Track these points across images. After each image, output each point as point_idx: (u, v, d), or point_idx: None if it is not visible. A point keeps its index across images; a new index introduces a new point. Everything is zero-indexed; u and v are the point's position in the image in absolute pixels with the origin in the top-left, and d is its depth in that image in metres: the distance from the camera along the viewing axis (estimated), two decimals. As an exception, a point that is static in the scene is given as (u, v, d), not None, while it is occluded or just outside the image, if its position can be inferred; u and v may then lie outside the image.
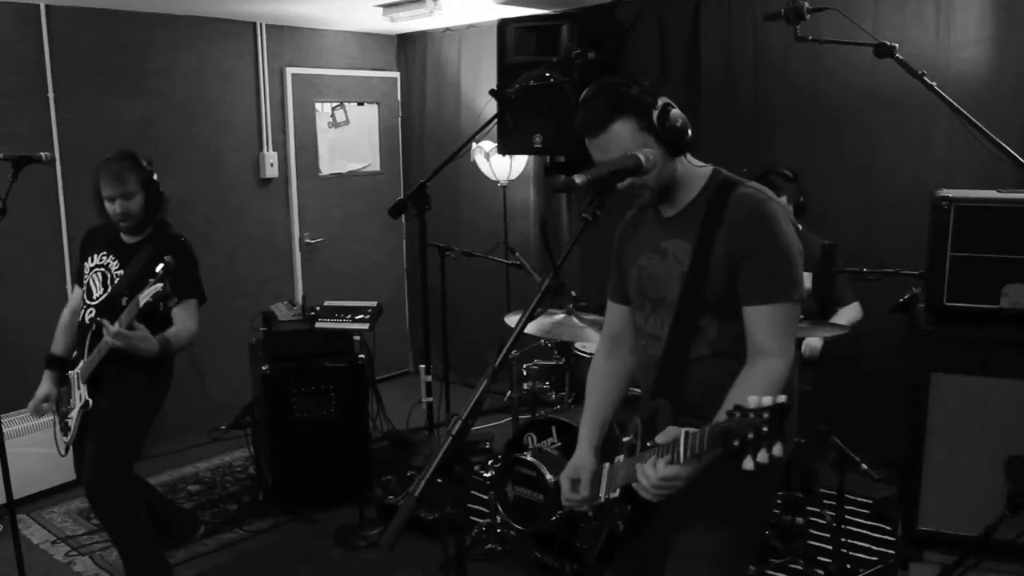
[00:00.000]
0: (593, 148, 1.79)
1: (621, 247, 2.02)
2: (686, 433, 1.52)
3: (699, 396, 1.78)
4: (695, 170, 1.84)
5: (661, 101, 1.75)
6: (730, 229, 1.74)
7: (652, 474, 1.60)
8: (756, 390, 1.44)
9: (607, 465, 1.89)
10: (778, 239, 1.73)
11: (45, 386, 3.11)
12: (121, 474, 2.96)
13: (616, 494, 1.81)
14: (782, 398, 1.35)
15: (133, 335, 2.71)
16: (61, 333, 3.19)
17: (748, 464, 1.35)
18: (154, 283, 2.65)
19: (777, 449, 1.33)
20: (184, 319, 2.96)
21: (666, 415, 1.76)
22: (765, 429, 1.33)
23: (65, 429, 3.06)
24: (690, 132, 1.78)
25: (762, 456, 1.34)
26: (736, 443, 1.36)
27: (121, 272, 2.97)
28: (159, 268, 2.66)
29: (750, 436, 1.34)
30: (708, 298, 1.76)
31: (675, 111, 1.76)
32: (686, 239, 1.80)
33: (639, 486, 1.65)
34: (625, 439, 1.85)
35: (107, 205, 2.95)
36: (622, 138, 1.74)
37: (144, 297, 2.64)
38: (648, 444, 1.71)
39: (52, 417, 3.17)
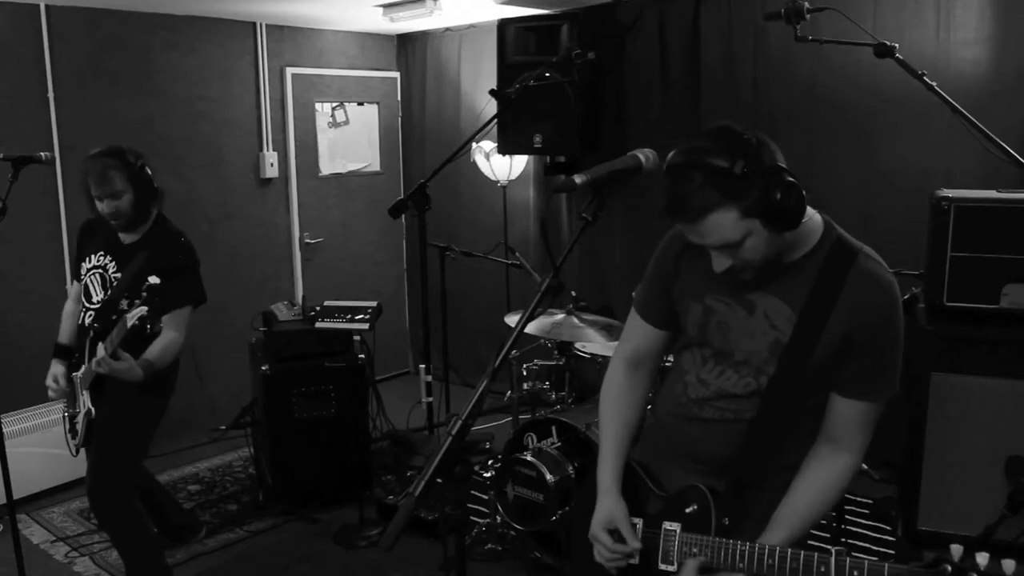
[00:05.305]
0: (685, 229, 1.55)
1: (674, 267, 1.75)
2: (839, 554, 1.42)
3: (777, 461, 1.68)
4: (803, 225, 1.55)
5: (769, 168, 1.44)
6: (852, 311, 1.54)
7: None
8: (831, 490, 1.61)
9: (639, 523, 1.74)
10: (899, 336, 1.58)
11: (55, 369, 3.04)
12: (120, 483, 2.94)
13: (674, 568, 1.66)
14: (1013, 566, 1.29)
15: (117, 366, 2.66)
16: (67, 322, 3.14)
17: None
18: (140, 304, 2.57)
19: None
20: (171, 327, 2.89)
21: (739, 488, 1.65)
22: None
23: (73, 432, 3.05)
24: (805, 196, 1.47)
25: None
26: None
27: (119, 275, 2.92)
28: (144, 289, 2.57)
29: None
30: (809, 375, 1.59)
31: (786, 182, 1.43)
32: (787, 302, 1.59)
33: None
34: (688, 509, 1.67)
35: (97, 204, 2.89)
36: (721, 228, 1.46)
37: (131, 319, 2.57)
38: (725, 522, 1.62)
39: (62, 415, 3.15)
